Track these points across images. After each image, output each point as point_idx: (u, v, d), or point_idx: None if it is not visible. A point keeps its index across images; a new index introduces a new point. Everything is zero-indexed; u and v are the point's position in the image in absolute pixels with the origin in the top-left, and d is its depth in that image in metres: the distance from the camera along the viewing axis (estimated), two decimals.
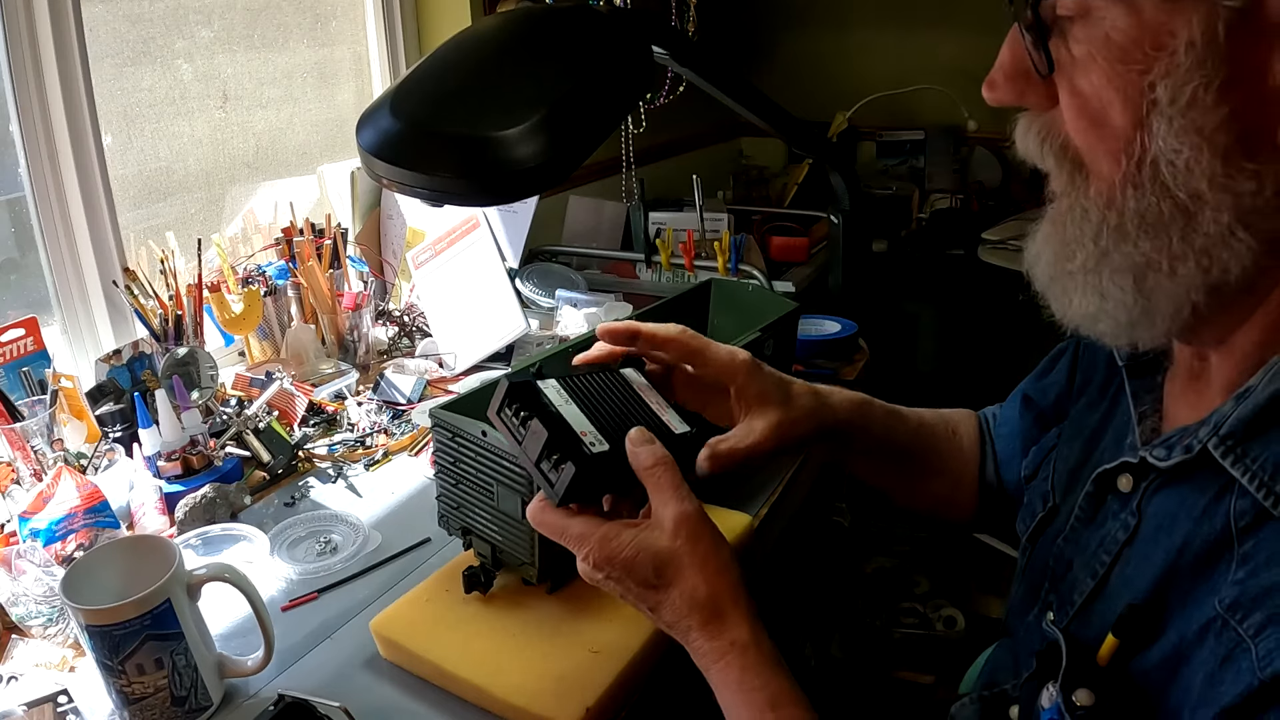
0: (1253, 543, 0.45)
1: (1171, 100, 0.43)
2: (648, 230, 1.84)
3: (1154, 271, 0.47)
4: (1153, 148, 0.44)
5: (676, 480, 0.59)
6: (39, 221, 1.23)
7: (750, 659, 0.57)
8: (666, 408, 0.67)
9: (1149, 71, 0.43)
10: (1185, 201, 0.44)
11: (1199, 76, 0.42)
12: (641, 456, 0.60)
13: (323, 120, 1.71)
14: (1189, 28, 0.42)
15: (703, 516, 0.59)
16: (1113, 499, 0.57)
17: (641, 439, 0.60)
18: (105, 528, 0.93)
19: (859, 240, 1.54)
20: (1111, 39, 0.44)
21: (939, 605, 1.89)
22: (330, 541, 0.98)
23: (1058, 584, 0.61)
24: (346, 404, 1.29)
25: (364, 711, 0.72)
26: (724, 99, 1.13)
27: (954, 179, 2.71)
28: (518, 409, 0.62)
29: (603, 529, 0.58)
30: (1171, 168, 0.44)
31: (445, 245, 1.54)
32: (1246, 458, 0.46)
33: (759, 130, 2.44)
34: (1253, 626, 0.42)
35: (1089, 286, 0.50)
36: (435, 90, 0.81)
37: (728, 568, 0.58)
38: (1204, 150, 0.43)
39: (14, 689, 0.77)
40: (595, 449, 0.60)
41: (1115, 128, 0.45)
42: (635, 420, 0.64)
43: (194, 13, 1.42)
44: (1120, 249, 0.47)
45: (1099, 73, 0.45)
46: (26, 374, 1.08)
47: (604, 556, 0.58)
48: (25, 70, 1.17)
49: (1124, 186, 0.46)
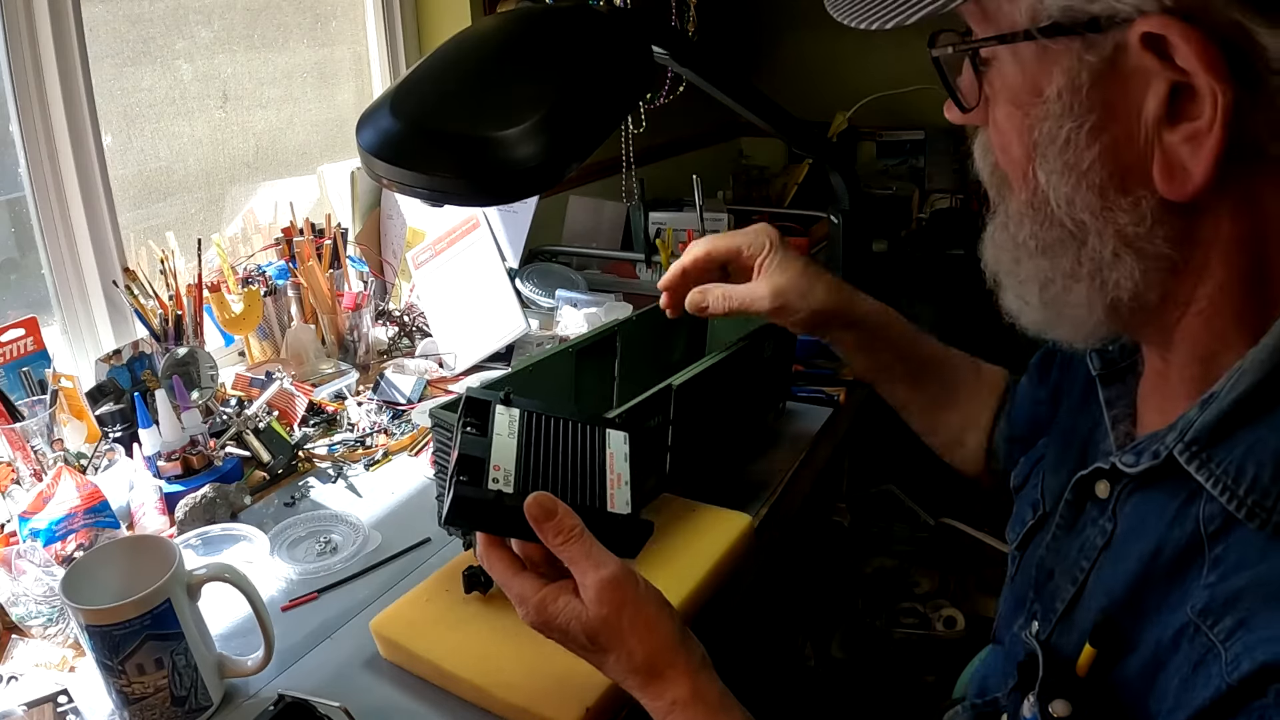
0: (1222, 547, 0.45)
1: (1051, 141, 0.47)
2: (648, 230, 1.84)
3: (1053, 286, 0.51)
4: (1041, 181, 0.48)
5: (587, 549, 0.59)
6: (39, 221, 1.23)
7: (692, 714, 0.58)
8: (624, 484, 0.65)
9: (1028, 115, 0.48)
10: (1072, 229, 0.48)
11: (1070, 120, 0.46)
12: (545, 534, 0.59)
13: (323, 120, 1.71)
14: (1056, 79, 0.46)
15: (622, 579, 0.59)
16: (1092, 506, 0.57)
17: (540, 511, 0.59)
18: (105, 528, 0.93)
19: (859, 240, 1.54)
20: (1007, 82, 0.49)
21: (939, 605, 1.89)
22: (330, 541, 0.98)
23: (1041, 592, 0.61)
24: (346, 404, 1.29)
25: (364, 711, 0.72)
26: (724, 99, 1.13)
27: (954, 179, 2.71)
28: (465, 422, 0.64)
29: (540, 594, 0.60)
30: (1056, 199, 0.48)
31: (445, 245, 1.54)
32: (1211, 463, 0.46)
33: (759, 130, 2.44)
34: (1223, 631, 0.43)
35: (1009, 290, 0.55)
36: (435, 90, 0.81)
37: (657, 624, 0.59)
38: (1081, 185, 0.47)
39: (14, 689, 0.77)
40: (494, 487, 0.59)
41: (1017, 157, 0.50)
42: (574, 481, 0.63)
43: (194, 13, 1.42)
44: (1027, 263, 0.52)
45: (1002, 110, 0.50)
46: (26, 374, 1.08)
47: (541, 621, 0.60)
48: (25, 70, 1.17)
49: (1028, 210, 0.51)
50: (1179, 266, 0.47)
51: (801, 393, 1.31)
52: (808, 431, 1.21)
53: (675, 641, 0.59)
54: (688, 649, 0.60)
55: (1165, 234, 0.46)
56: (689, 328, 1.27)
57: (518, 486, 0.61)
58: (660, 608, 0.60)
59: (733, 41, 2.83)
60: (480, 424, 0.64)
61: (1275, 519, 0.43)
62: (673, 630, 0.60)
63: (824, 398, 1.30)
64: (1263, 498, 0.43)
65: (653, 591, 0.60)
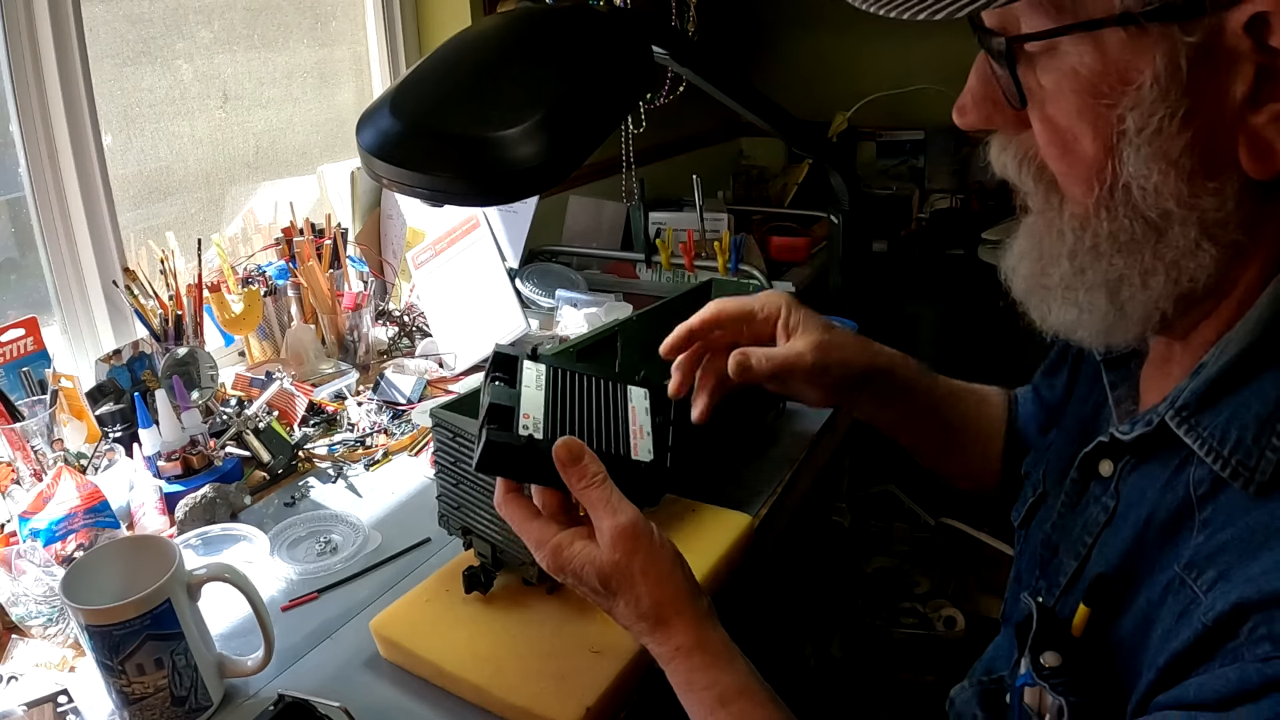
0: (1211, 509, 0.47)
1: (1139, 130, 0.45)
2: (648, 230, 1.84)
3: (1127, 285, 0.50)
4: (1123, 173, 0.47)
5: (607, 495, 0.60)
6: (39, 221, 1.23)
7: (696, 661, 0.60)
8: (647, 434, 0.66)
9: (1117, 105, 0.45)
10: (1155, 220, 0.47)
11: (1164, 108, 0.44)
12: (570, 477, 0.60)
13: (323, 120, 1.71)
14: (1153, 63, 0.44)
15: (639, 528, 0.60)
16: (1095, 484, 0.59)
17: (567, 455, 0.60)
18: (105, 528, 0.93)
19: (859, 240, 1.54)
20: (1079, 73, 0.46)
21: (939, 605, 1.89)
22: (330, 541, 0.98)
23: (1046, 569, 0.62)
24: (346, 404, 1.29)
25: (364, 711, 0.72)
26: (724, 99, 1.13)
27: (954, 179, 2.71)
28: (494, 377, 0.65)
29: (556, 538, 0.61)
30: (1141, 191, 0.46)
31: (445, 245, 1.54)
32: (1199, 427, 0.49)
33: (759, 130, 2.44)
34: (1205, 583, 0.45)
35: (1067, 300, 0.53)
36: (435, 90, 0.81)
37: (669, 575, 0.61)
38: (1170, 174, 0.45)
39: (14, 689, 0.77)
40: (524, 433, 0.60)
41: (1086, 155, 0.48)
42: (599, 430, 0.64)
43: (194, 13, 1.42)
44: (1095, 266, 0.50)
45: (1068, 104, 0.47)
46: (26, 374, 1.08)
47: (556, 565, 0.61)
48: (25, 70, 1.17)
49: (1097, 209, 0.49)
50: (1243, 251, 0.48)
51: None
52: (808, 431, 1.21)
53: (684, 592, 0.61)
54: (695, 601, 0.61)
55: (1240, 218, 0.46)
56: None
57: (547, 434, 0.62)
58: (674, 560, 0.61)
59: (733, 41, 2.83)
60: (508, 378, 0.65)
61: (1259, 478, 0.45)
62: (682, 581, 0.61)
63: None
64: (1246, 457, 0.46)
65: (667, 544, 0.62)
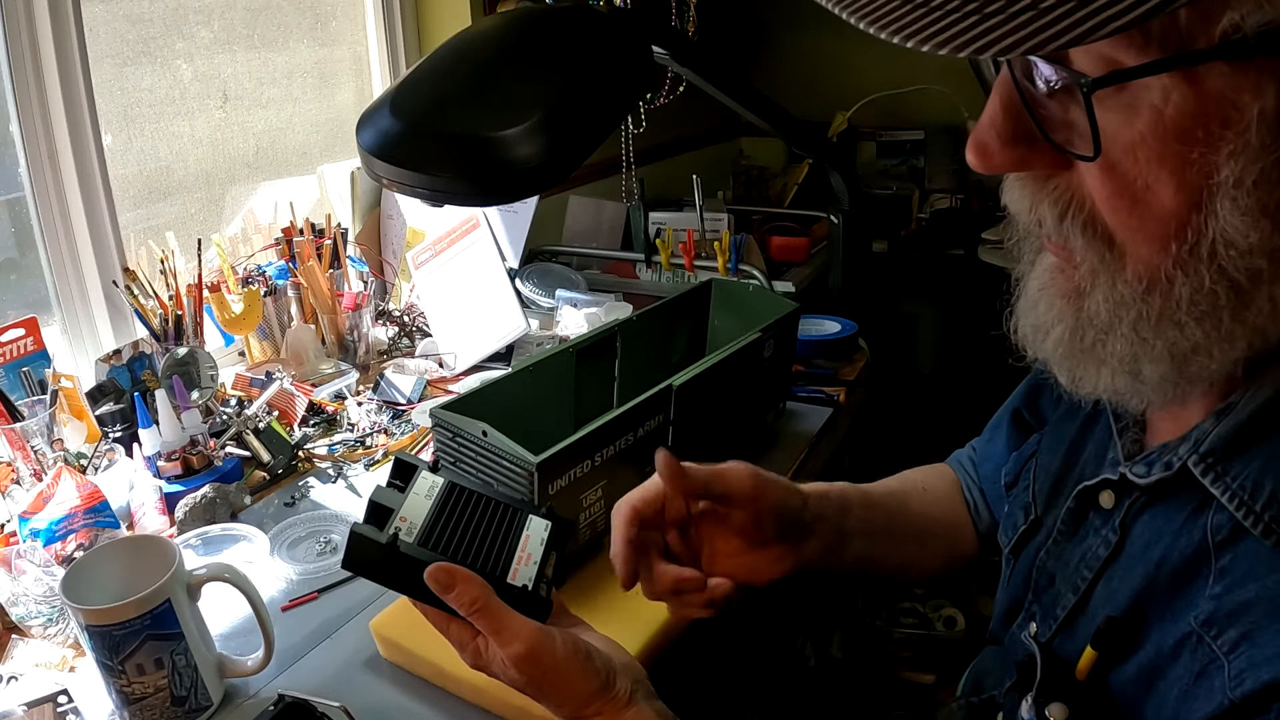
0: (1230, 557, 0.44)
1: (1238, 181, 0.37)
2: (648, 230, 1.84)
3: (1201, 355, 0.42)
4: (1211, 231, 0.39)
5: (495, 622, 0.57)
6: (39, 221, 1.23)
7: None
8: (533, 563, 0.63)
9: (1212, 151, 0.37)
10: (1241, 281, 0.40)
11: (1272, 154, 0.37)
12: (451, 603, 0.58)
13: (323, 120, 1.71)
14: (1261, 97, 0.36)
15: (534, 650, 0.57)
16: (1094, 514, 0.56)
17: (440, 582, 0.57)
18: (105, 528, 0.93)
19: (859, 240, 1.54)
20: (1163, 114, 0.38)
21: (939, 605, 1.89)
22: (330, 541, 0.98)
23: (1040, 596, 0.60)
24: (346, 404, 1.29)
25: (364, 711, 0.72)
26: (724, 99, 1.13)
27: (954, 179, 2.71)
28: (390, 482, 0.68)
29: (475, 642, 0.60)
30: (1232, 249, 0.39)
31: (445, 245, 1.54)
32: (1227, 476, 0.45)
33: (759, 130, 2.44)
34: (1227, 643, 0.42)
35: (1121, 370, 0.45)
36: (435, 90, 0.81)
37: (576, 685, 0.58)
38: (1268, 228, 0.38)
39: (14, 689, 0.77)
40: (390, 532, 0.59)
41: (1164, 209, 0.40)
42: (480, 549, 0.62)
43: (194, 13, 1.42)
44: (1164, 336, 0.43)
45: (1145, 151, 0.39)
46: (26, 374, 1.08)
47: (478, 667, 0.60)
48: (25, 70, 1.17)
49: (1172, 271, 0.41)
50: None
51: (801, 393, 1.31)
52: (808, 431, 1.21)
53: (595, 693, 0.58)
54: (611, 694, 0.58)
55: None
56: (689, 328, 1.28)
57: (420, 540, 0.60)
58: (581, 664, 0.58)
59: (733, 41, 2.83)
60: (402, 485, 0.66)
61: None
62: (594, 683, 0.58)
63: (824, 398, 1.30)
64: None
65: (569, 647, 0.58)
